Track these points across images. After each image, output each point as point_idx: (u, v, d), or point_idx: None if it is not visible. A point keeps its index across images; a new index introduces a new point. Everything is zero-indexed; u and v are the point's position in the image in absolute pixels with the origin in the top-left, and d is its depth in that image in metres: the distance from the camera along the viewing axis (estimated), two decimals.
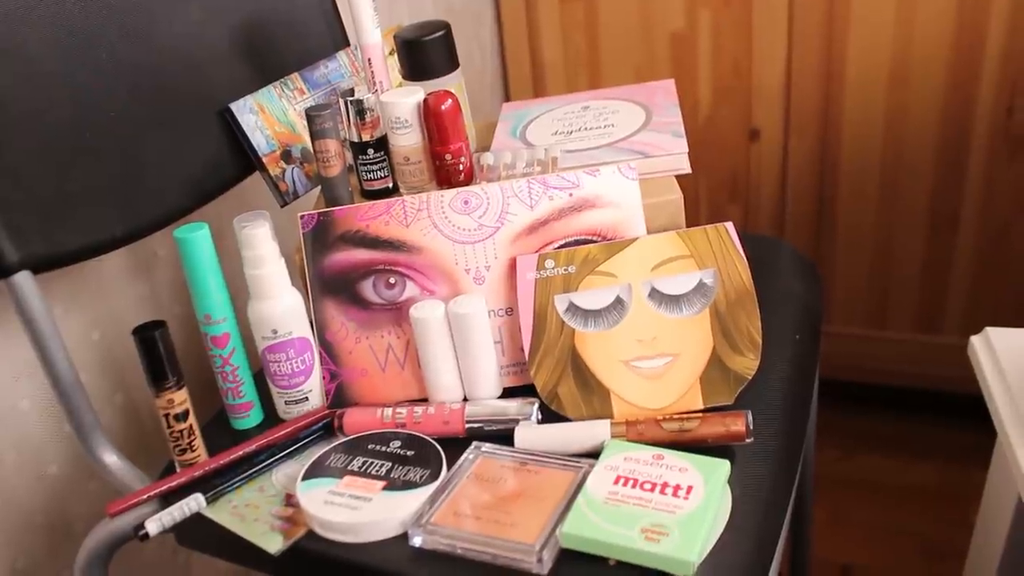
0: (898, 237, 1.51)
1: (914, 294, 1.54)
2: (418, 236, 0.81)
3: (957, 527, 1.44)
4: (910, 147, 1.45)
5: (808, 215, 1.55)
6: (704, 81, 1.53)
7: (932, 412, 1.62)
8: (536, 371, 0.76)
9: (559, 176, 0.80)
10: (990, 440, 1.60)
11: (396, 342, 0.81)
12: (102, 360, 0.97)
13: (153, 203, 0.83)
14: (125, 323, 0.99)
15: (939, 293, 1.52)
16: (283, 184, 0.91)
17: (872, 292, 1.56)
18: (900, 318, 1.56)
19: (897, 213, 1.50)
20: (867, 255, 1.54)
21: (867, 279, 1.55)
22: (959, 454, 1.55)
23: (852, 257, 1.55)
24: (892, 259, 1.53)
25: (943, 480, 1.52)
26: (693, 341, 0.76)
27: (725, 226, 0.79)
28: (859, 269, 1.56)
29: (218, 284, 0.78)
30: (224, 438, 0.82)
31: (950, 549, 1.41)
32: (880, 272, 1.54)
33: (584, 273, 0.78)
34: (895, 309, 1.56)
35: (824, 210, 1.54)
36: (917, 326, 1.55)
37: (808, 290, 0.93)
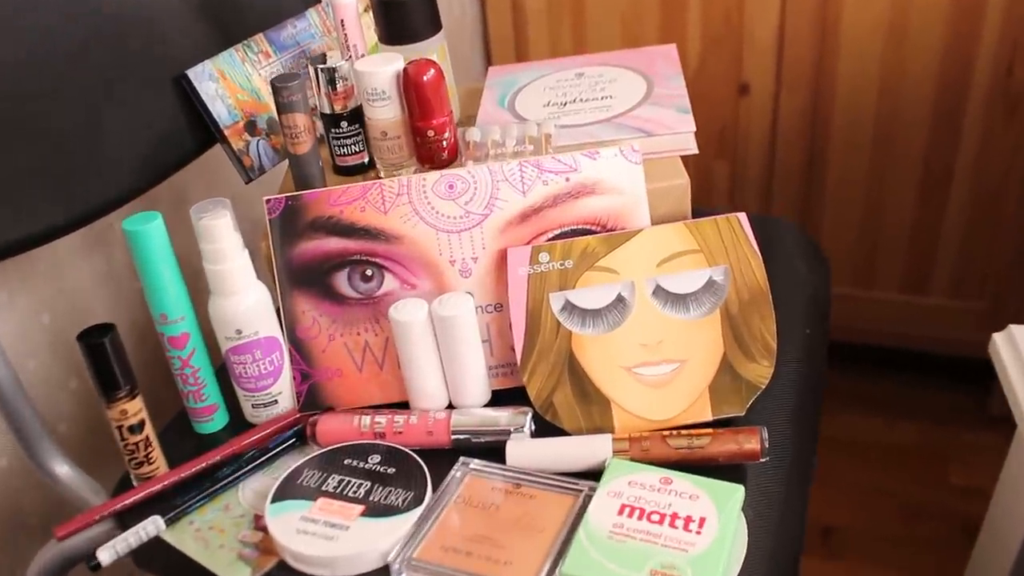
0: (889, 196, 1.42)
1: (902, 254, 1.45)
2: (397, 223, 0.70)
3: (937, 488, 1.39)
4: (905, 104, 1.35)
5: (797, 172, 1.45)
6: (693, 32, 1.41)
7: (915, 373, 1.55)
8: (529, 377, 0.67)
9: (554, 158, 0.70)
10: (972, 402, 1.55)
11: (374, 340, 0.71)
12: (54, 343, 0.86)
13: (100, 185, 0.72)
14: (79, 302, 0.88)
15: (928, 254, 1.44)
16: (247, 159, 0.80)
17: (860, 252, 1.48)
18: (887, 278, 1.48)
19: (889, 172, 1.40)
20: (856, 214, 1.45)
21: (855, 238, 1.47)
22: (942, 415, 1.49)
23: (841, 216, 1.46)
24: (882, 218, 1.44)
25: (925, 441, 1.46)
26: (702, 346, 0.66)
27: (737, 217, 0.69)
28: (847, 228, 1.47)
29: (174, 280, 0.68)
30: (186, 444, 0.72)
31: (930, 510, 1.35)
32: (869, 231, 1.46)
33: (583, 268, 0.68)
34: (883, 269, 1.47)
35: (814, 168, 1.44)
36: (904, 287, 1.47)
37: (816, 277, 0.84)
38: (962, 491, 1.38)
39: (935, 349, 1.48)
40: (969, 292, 1.44)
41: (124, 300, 0.93)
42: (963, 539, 1.32)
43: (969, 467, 1.41)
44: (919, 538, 1.32)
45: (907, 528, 1.34)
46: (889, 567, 1.28)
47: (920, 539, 1.32)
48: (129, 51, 0.74)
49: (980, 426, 1.47)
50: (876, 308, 1.50)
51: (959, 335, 1.47)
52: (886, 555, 1.30)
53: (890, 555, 1.30)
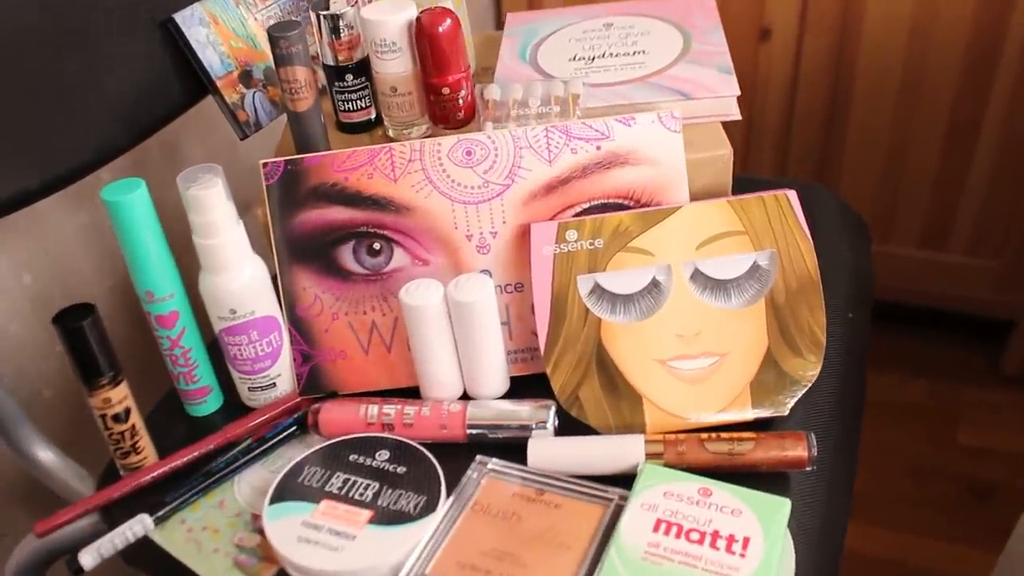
0: (911, 149, 1.33)
1: (922, 209, 1.38)
2: (409, 193, 0.62)
3: (947, 448, 1.34)
4: (936, 49, 1.26)
5: (817, 122, 1.37)
6: None
7: (928, 329, 1.49)
8: (553, 369, 0.60)
9: (584, 124, 0.62)
10: (984, 361, 1.49)
11: (381, 320, 0.64)
12: (35, 306, 0.79)
13: (77, 144, 0.63)
14: (63, 261, 0.81)
15: (948, 210, 1.36)
16: (242, 113, 0.71)
17: (879, 205, 1.40)
18: (905, 233, 1.40)
19: (913, 122, 1.32)
20: (877, 166, 1.37)
21: (875, 192, 1.39)
22: (953, 373, 1.43)
23: (860, 168, 1.38)
24: (903, 171, 1.36)
25: (935, 399, 1.41)
26: (744, 338, 0.59)
27: (787, 195, 0.61)
28: (867, 181, 1.38)
29: (161, 254, 0.60)
30: (177, 429, 0.65)
31: (939, 471, 1.31)
32: (889, 185, 1.38)
33: (614, 249, 0.60)
34: (901, 223, 1.40)
35: (835, 117, 1.35)
36: (922, 243, 1.40)
37: (858, 252, 0.76)
38: (971, 451, 1.33)
39: (950, 306, 1.42)
40: (988, 250, 1.36)
41: (111, 258, 0.85)
42: (971, 500, 1.27)
43: (979, 427, 1.36)
44: (927, 498, 1.28)
45: (915, 488, 1.30)
46: (896, 527, 1.24)
47: (928, 499, 1.28)
48: None
49: (992, 385, 1.41)
50: (892, 263, 1.43)
51: (975, 293, 1.40)
52: (893, 515, 1.26)
53: (897, 515, 1.25)
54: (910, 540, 1.23)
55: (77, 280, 0.83)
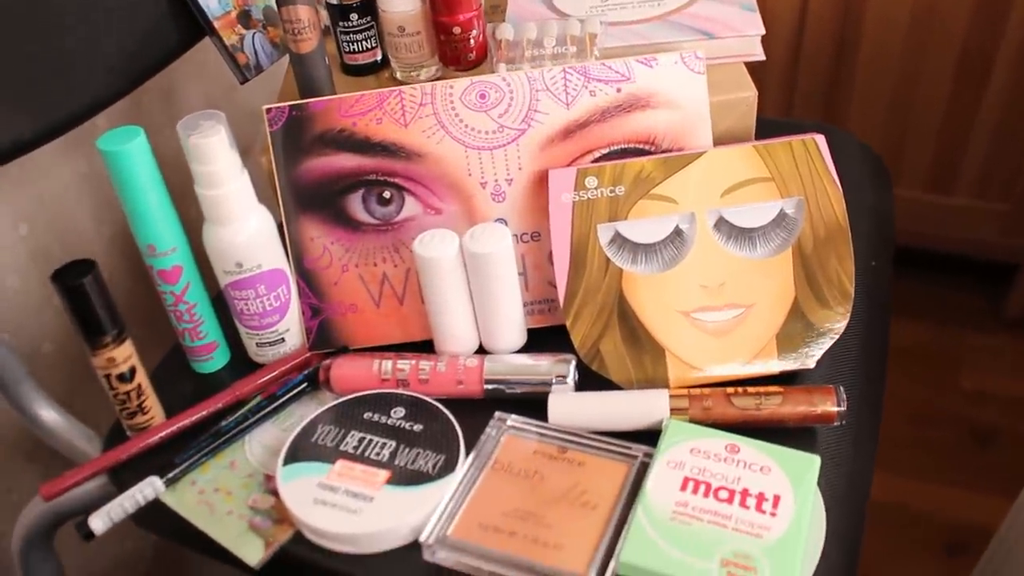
0: (921, 88, 1.30)
1: (929, 150, 1.34)
2: (420, 139, 0.59)
3: (948, 392, 1.33)
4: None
5: (826, 58, 1.32)
6: None
7: (932, 272, 1.47)
8: (573, 321, 0.57)
9: (604, 65, 0.58)
10: (987, 304, 1.47)
11: (393, 271, 0.61)
12: (33, 257, 0.75)
13: (73, 91, 0.59)
14: (60, 210, 0.77)
15: (956, 152, 1.33)
16: (242, 55, 0.67)
17: (886, 145, 1.36)
18: (911, 175, 1.37)
19: (924, 61, 1.27)
20: (885, 104, 1.33)
21: (882, 132, 1.35)
22: (956, 316, 1.42)
23: (868, 106, 1.34)
24: (911, 111, 1.32)
25: (937, 343, 1.39)
26: (770, 289, 0.57)
27: (815, 139, 0.58)
28: (874, 120, 1.35)
29: (163, 206, 0.56)
30: (184, 386, 0.63)
31: (940, 414, 1.30)
32: (897, 124, 1.34)
33: (636, 196, 0.57)
34: (908, 166, 1.37)
35: (844, 53, 1.31)
36: (929, 185, 1.37)
37: (880, 198, 0.73)
38: (972, 395, 1.32)
39: (955, 250, 1.39)
40: (994, 194, 1.34)
41: (109, 207, 0.82)
42: (972, 444, 1.26)
43: (980, 371, 1.35)
44: (927, 442, 1.27)
45: (915, 431, 1.29)
46: (897, 471, 1.23)
47: (928, 443, 1.27)
48: None
49: (994, 329, 1.39)
50: (898, 206, 1.39)
51: (980, 236, 1.38)
52: (893, 459, 1.25)
53: (897, 459, 1.24)
54: (911, 484, 1.22)
55: (75, 230, 0.80)
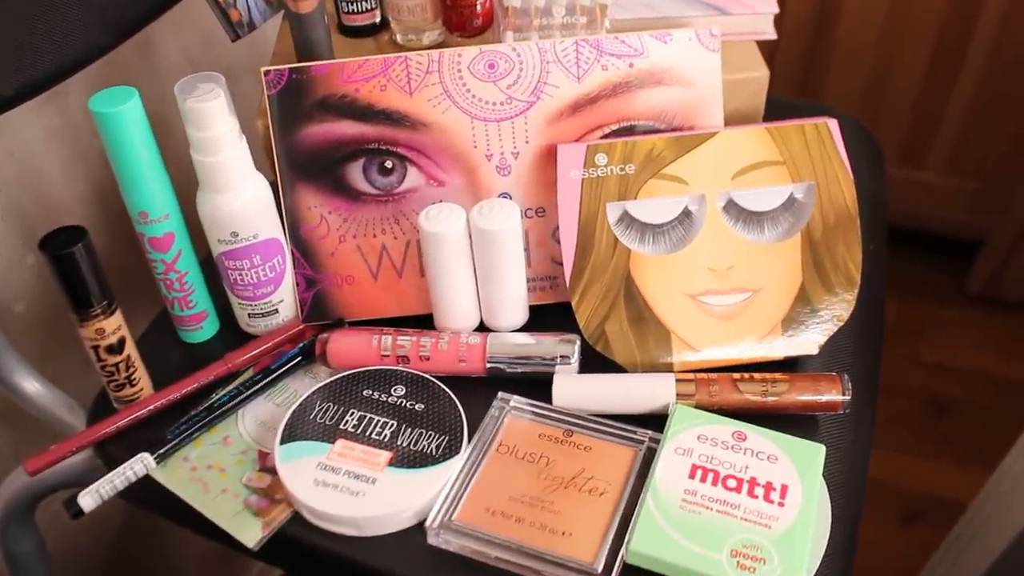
0: (898, 65, 1.29)
1: (904, 125, 1.34)
2: (425, 108, 0.56)
3: (909, 364, 1.34)
4: None
5: (805, 31, 1.31)
6: None
7: (896, 245, 1.47)
8: (579, 301, 0.55)
9: (617, 39, 0.55)
10: (949, 279, 1.49)
11: (392, 243, 0.58)
12: (5, 215, 0.71)
13: (55, 44, 0.55)
14: (32, 164, 0.73)
15: (930, 128, 1.33)
16: (235, 12, 0.63)
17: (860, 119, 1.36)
18: (885, 150, 1.37)
19: (901, 38, 1.27)
20: (862, 79, 1.32)
21: (857, 107, 1.34)
22: (918, 290, 1.43)
23: (846, 80, 1.33)
24: (888, 86, 1.31)
25: (899, 316, 1.40)
26: (777, 273, 0.55)
27: (827, 124, 0.56)
28: (850, 94, 1.34)
29: (156, 172, 0.53)
30: (172, 355, 0.60)
31: (900, 387, 1.31)
32: (872, 99, 1.33)
33: (646, 175, 0.55)
34: (882, 141, 1.36)
35: (823, 28, 1.29)
36: (900, 159, 1.37)
37: (875, 181, 0.72)
38: (933, 367, 1.34)
39: (924, 225, 1.40)
40: (964, 171, 1.34)
41: (83, 161, 0.78)
42: (932, 416, 1.28)
43: (941, 344, 1.36)
44: (888, 413, 1.28)
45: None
46: None
47: (887, 413, 1.28)
48: None
49: (956, 303, 1.41)
50: None
51: (948, 213, 1.39)
52: None
53: None
54: (872, 454, 1.24)
55: (48, 186, 0.75)
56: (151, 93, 0.52)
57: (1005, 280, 1.38)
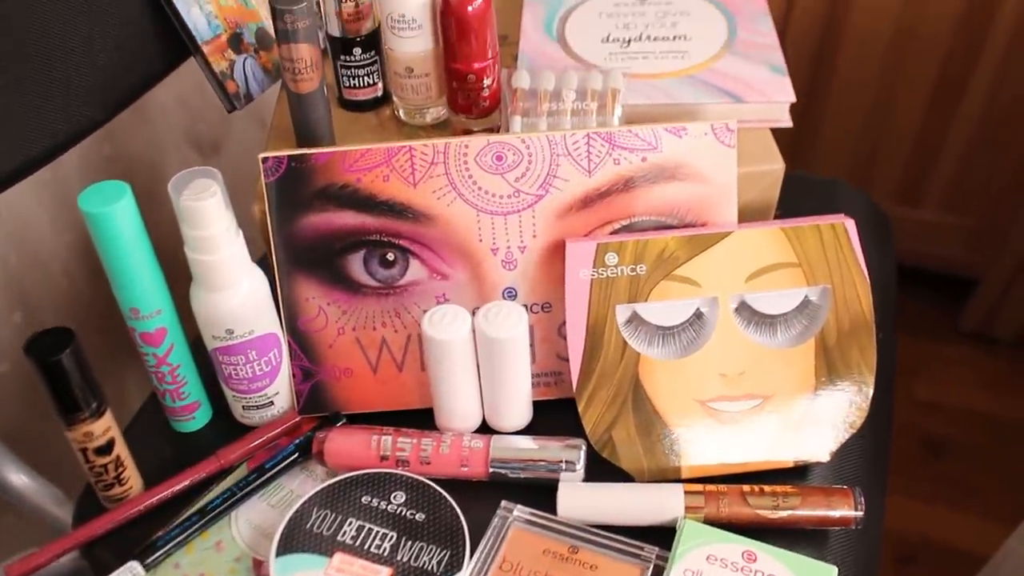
0: (897, 100, 1.27)
1: (901, 162, 1.32)
2: (430, 199, 0.54)
3: (902, 402, 1.33)
4: (933, 5, 1.18)
5: (805, 67, 1.29)
6: None
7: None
8: (586, 406, 0.53)
9: (631, 132, 0.53)
10: (943, 315, 1.48)
11: (393, 336, 0.56)
12: None
13: (49, 125, 0.53)
14: (20, 218, 0.70)
15: (927, 166, 1.31)
16: (231, 83, 0.60)
17: (858, 155, 1.34)
18: (881, 188, 1.36)
19: (902, 74, 1.25)
20: (861, 113, 1.30)
21: (855, 143, 1.33)
22: (912, 327, 1.42)
23: (844, 113, 1.31)
24: (886, 123, 1.30)
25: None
26: (790, 380, 0.53)
27: (844, 225, 0.54)
28: (849, 128, 1.32)
29: (148, 268, 0.51)
30: (162, 447, 0.57)
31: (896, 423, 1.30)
32: (871, 134, 1.31)
33: (658, 276, 0.53)
34: (879, 175, 1.35)
35: (823, 64, 1.27)
36: (897, 197, 1.35)
37: (884, 261, 0.70)
38: (927, 406, 1.33)
39: (920, 263, 1.39)
40: (960, 210, 1.33)
41: (69, 210, 0.75)
42: (924, 455, 1.27)
43: (935, 382, 1.35)
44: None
45: None
46: None
47: None
48: None
49: (950, 340, 1.40)
50: None
51: (943, 251, 1.37)
52: None
53: None
54: None
55: (34, 238, 0.73)
56: (147, 136, 0.50)
57: (1000, 318, 1.37)
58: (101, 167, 0.79)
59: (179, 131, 0.90)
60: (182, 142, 0.91)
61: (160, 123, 0.87)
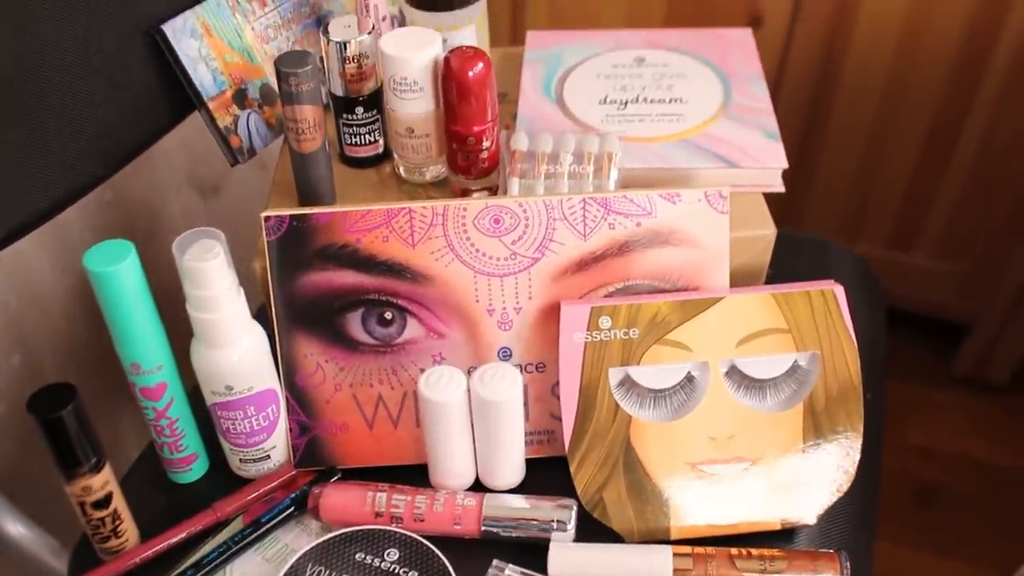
0: (890, 149, 1.29)
1: (893, 210, 1.34)
2: (428, 260, 0.55)
3: (894, 447, 1.34)
4: (925, 54, 1.20)
5: (799, 113, 1.31)
6: None
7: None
8: (578, 467, 0.54)
9: (626, 197, 0.55)
10: (936, 360, 1.49)
11: (389, 393, 0.57)
12: None
13: (53, 181, 0.54)
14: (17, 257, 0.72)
15: (919, 213, 1.33)
16: (235, 138, 0.62)
17: (851, 202, 1.36)
18: (874, 233, 1.37)
19: (895, 124, 1.27)
20: (854, 163, 1.32)
21: (849, 187, 1.34)
22: (904, 371, 1.43)
23: (838, 162, 1.33)
24: (879, 171, 1.32)
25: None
26: (778, 443, 0.55)
27: (834, 291, 0.56)
28: (842, 176, 1.34)
29: (151, 325, 0.52)
30: (158, 498, 0.58)
31: (885, 470, 1.31)
32: (863, 183, 1.33)
33: (650, 340, 0.54)
34: (872, 223, 1.37)
35: (817, 110, 1.30)
36: (890, 243, 1.37)
37: (874, 318, 0.72)
38: (919, 451, 1.34)
39: (911, 308, 1.40)
40: (952, 256, 1.35)
41: (69, 254, 0.76)
42: (916, 502, 1.28)
43: (928, 427, 1.36)
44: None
45: None
46: None
47: None
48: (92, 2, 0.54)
49: (943, 386, 1.41)
50: None
51: (935, 296, 1.39)
52: None
53: None
54: None
55: (34, 278, 0.74)
56: (148, 180, 0.51)
57: (993, 363, 1.38)
58: (102, 211, 0.80)
59: (181, 174, 0.92)
60: (183, 185, 0.92)
61: (163, 167, 0.89)
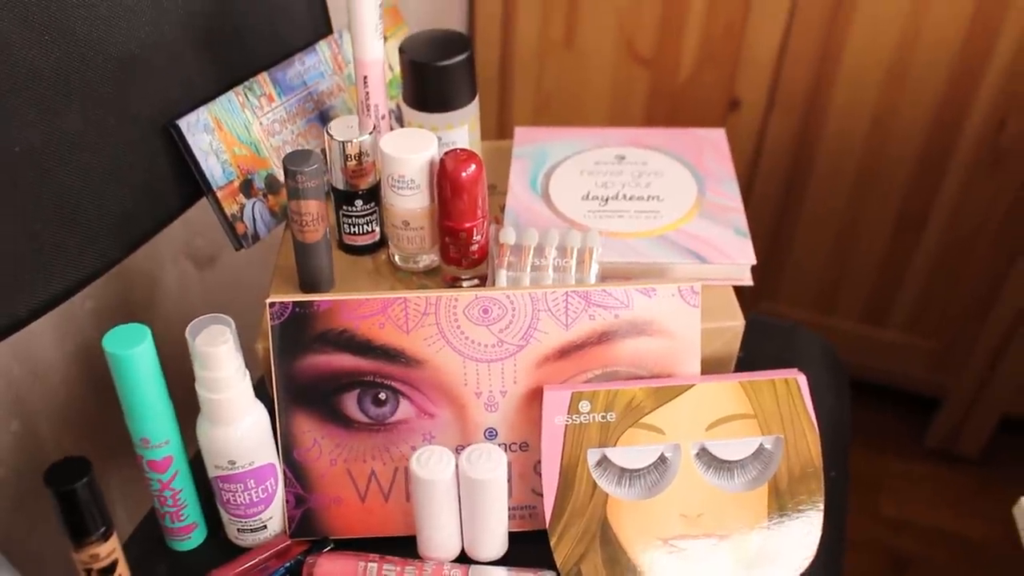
0: (862, 230, 1.37)
1: (866, 288, 1.41)
2: (420, 346, 0.60)
3: (869, 519, 1.39)
4: (894, 141, 1.29)
5: (776, 192, 1.38)
6: (690, 39, 1.30)
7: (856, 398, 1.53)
8: (558, 541, 0.59)
9: (605, 291, 0.60)
10: (909, 432, 1.55)
11: (382, 469, 0.62)
12: None
13: (69, 263, 0.59)
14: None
15: (891, 289, 1.40)
16: (241, 225, 0.67)
17: (825, 280, 1.43)
18: (848, 308, 1.44)
19: (866, 206, 1.35)
20: (827, 243, 1.40)
21: (822, 267, 1.42)
22: (877, 443, 1.48)
23: (812, 242, 1.40)
24: (852, 250, 1.39)
25: (858, 469, 1.45)
26: (744, 520, 0.60)
27: (797, 380, 0.61)
28: (816, 255, 1.41)
29: (161, 403, 0.56)
30: (158, 566, 0.62)
31: (860, 541, 1.35)
32: (836, 261, 1.41)
33: (626, 424, 0.60)
34: (845, 299, 1.43)
35: (793, 190, 1.37)
36: (863, 318, 1.44)
37: (839, 401, 0.77)
38: (893, 523, 1.38)
39: (883, 381, 1.46)
40: (922, 332, 1.41)
41: (73, 320, 0.80)
42: (890, 574, 1.32)
43: (901, 499, 1.41)
44: (848, 570, 1.32)
45: None
46: None
47: (849, 571, 1.32)
48: (105, 98, 0.59)
49: (915, 457, 1.47)
50: (832, 336, 1.45)
51: (907, 370, 1.45)
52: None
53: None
54: None
55: (36, 344, 0.78)
56: (146, 250, 0.55)
57: (964, 436, 1.44)
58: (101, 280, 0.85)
59: (178, 244, 0.96)
60: (180, 255, 0.97)
61: (161, 237, 0.93)
